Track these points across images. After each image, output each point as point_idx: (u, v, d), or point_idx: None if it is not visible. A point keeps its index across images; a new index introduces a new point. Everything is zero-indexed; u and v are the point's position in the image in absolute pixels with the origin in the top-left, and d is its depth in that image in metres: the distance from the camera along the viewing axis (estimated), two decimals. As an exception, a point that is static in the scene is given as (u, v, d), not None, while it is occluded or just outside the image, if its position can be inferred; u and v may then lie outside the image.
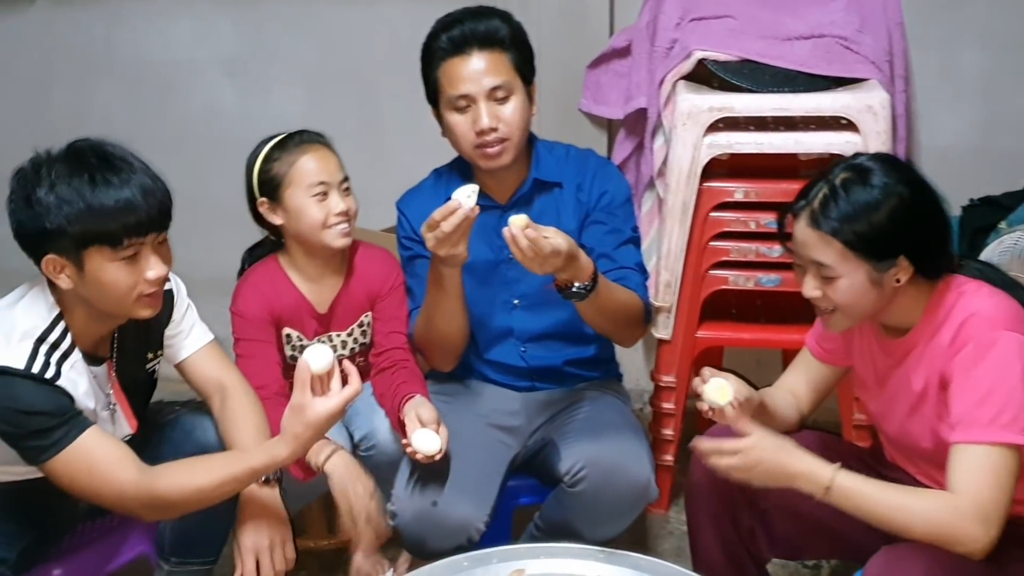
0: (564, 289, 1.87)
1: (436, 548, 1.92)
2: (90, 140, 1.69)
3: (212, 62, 3.21)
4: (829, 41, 2.45)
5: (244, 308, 2.16)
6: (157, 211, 1.66)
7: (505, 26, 2.00)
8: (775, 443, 1.60)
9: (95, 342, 1.79)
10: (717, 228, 2.40)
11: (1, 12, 3.27)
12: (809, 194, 1.62)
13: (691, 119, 2.34)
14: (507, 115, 1.98)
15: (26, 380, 1.63)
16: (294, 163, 2.10)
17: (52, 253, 1.64)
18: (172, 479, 1.70)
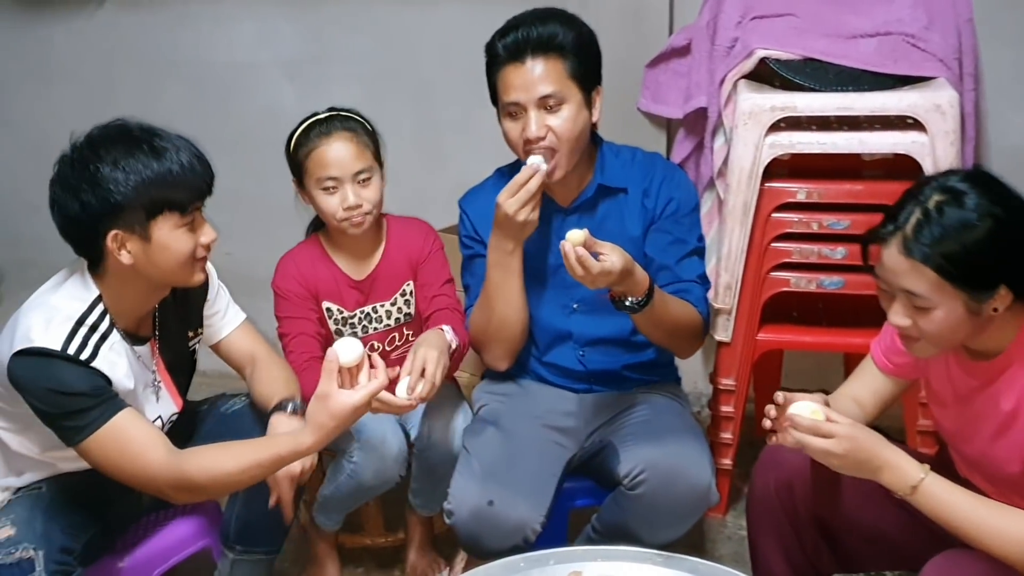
0: (618, 301, 1.89)
1: (492, 548, 1.92)
2: (123, 119, 1.76)
3: (273, 64, 3.25)
4: (895, 39, 2.40)
5: (281, 284, 2.21)
6: (209, 176, 1.77)
7: (564, 31, 1.96)
8: (870, 432, 1.56)
9: (137, 321, 1.84)
10: (779, 229, 2.36)
11: (69, 15, 3.34)
12: (899, 218, 1.51)
13: (752, 119, 2.30)
14: (557, 125, 1.95)
15: (63, 361, 1.68)
16: (310, 153, 2.13)
17: (117, 228, 1.68)
18: (200, 462, 1.74)
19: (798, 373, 2.98)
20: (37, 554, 1.69)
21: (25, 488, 1.86)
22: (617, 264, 1.77)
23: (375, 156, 2.16)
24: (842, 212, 2.33)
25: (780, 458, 1.77)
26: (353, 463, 2.11)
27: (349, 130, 2.13)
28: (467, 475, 1.97)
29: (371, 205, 2.13)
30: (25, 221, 3.24)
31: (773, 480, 1.78)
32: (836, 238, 2.35)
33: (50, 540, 1.72)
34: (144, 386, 1.85)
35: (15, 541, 1.70)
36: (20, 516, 1.76)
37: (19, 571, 1.68)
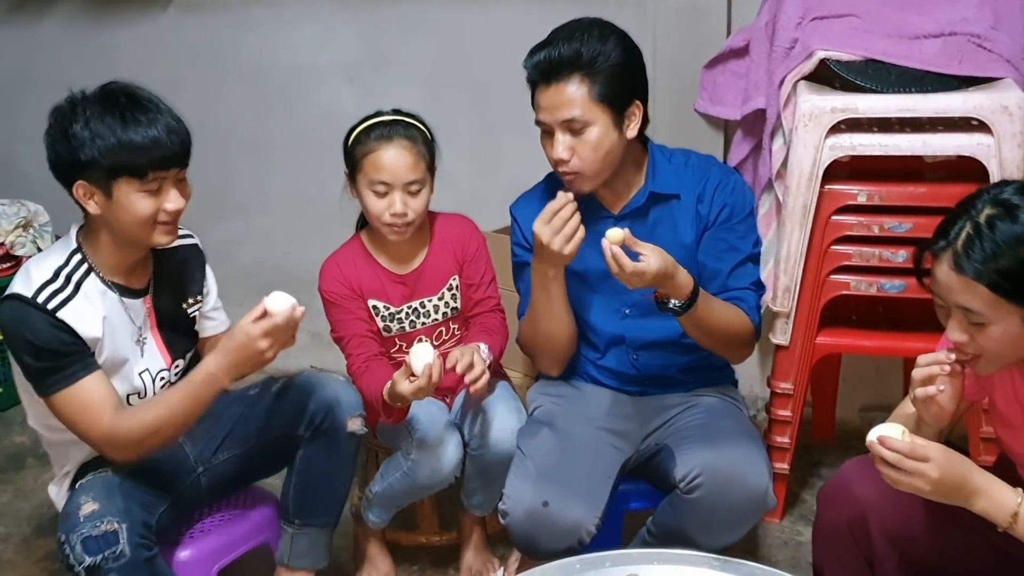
0: (661, 303, 1.92)
1: (546, 548, 1.92)
2: (121, 83, 1.88)
3: (332, 66, 3.28)
4: (960, 39, 2.36)
5: (327, 288, 2.25)
6: (180, 149, 1.84)
7: (591, 52, 1.91)
8: (962, 457, 1.50)
9: (125, 274, 1.94)
10: (838, 232, 2.34)
11: (134, 19, 3.41)
12: (949, 233, 1.48)
13: (813, 120, 2.28)
14: (582, 148, 1.94)
15: (34, 310, 1.80)
16: (368, 154, 2.15)
17: (83, 180, 1.81)
18: (129, 419, 1.84)
19: (856, 378, 2.95)
20: (121, 527, 1.75)
21: (92, 472, 1.92)
22: (652, 266, 1.80)
23: (428, 167, 2.18)
24: (904, 215, 2.30)
25: (851, 491, 1.72)
26: (411, 460, 2.13)
27: (409, 139, 2.15)
28: (522, 476, 1.97)
29: (416, 215, 2.15)
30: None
31: (846, 513, 1.72)
32: (897, 241, 2.31)
33: (131, 514, 1.79)
34: (133, 337, 1.95)
35: (100, 515, 1.76)
36: (100, 492, 1.81)
37: (104, 543, 1.73)
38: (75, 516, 1.77)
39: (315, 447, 2.04)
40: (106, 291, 1.90)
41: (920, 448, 1.47)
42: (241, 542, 2.11)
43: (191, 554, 2.01)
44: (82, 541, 1.73)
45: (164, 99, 1.88)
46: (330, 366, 3.54)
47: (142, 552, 1.77)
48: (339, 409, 2.03)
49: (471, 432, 2.19)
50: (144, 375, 1.96)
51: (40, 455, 3.07)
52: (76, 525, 1.76)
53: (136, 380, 1.95)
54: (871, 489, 1.61)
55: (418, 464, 2.13)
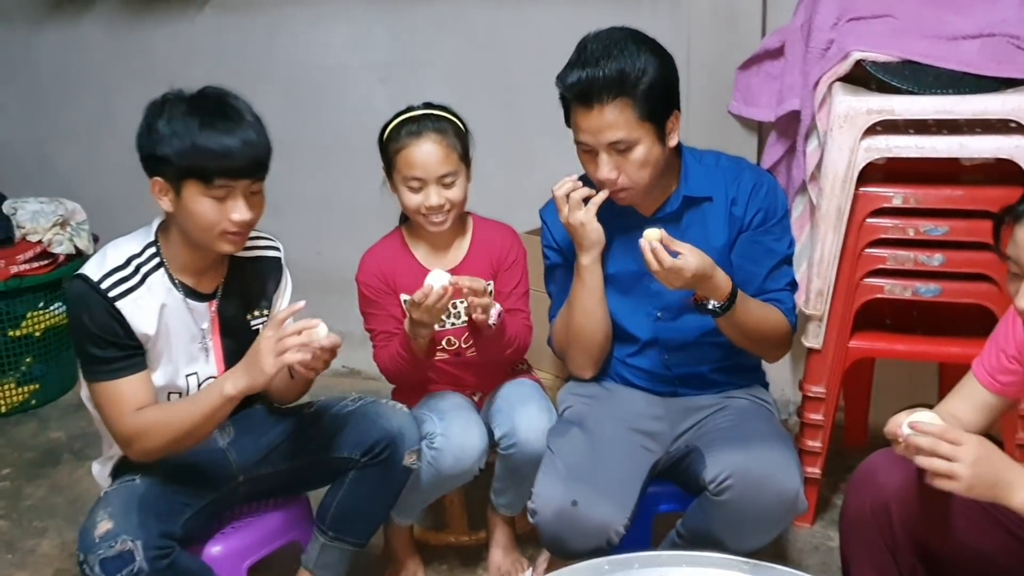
0: (700, 304, 1.93)
1: (575, 548, 1.92)
2: (218, 89, 1.91)
3: (366, 67, 3.30)
4: (999, 40, 2.33)
5: (363, 280, 2.28)
6: (251, 162, 1.85)
7: (634, 68, 1.88)
8: (994, 447, 1.48)
9: (195, 276, 1.96)
10: (873, 235, 2.32)
11: (171, 19, 3.46)
12: None
13: (848, 122, 2.26)
14: (628, 167, 1.94)
15: (95, 294, 1.84)
16: (400, 150, 2.17)
17: (159, 176, 1.85)
18: (146, 420, 1.86)
19: (890, 383, 2.91)
20: (136, 544, 1.76)
21: (119, 480, 1.94)
22: (691, 264, 1.82)
23: (462, 157, 2.19)
24: (940, 218, 2.27)
25: (876, 478, 1.72)
26: (435, 449, 2.13)
27: (439, 131, 2.16)
28: (551, 475, 1.97)
29: (453, 205, 2.17)
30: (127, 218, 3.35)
31: (869, 501, 1.72)
32: (933, 244, 2.29)
33: (147, 529, 1.79)
34: (191, 340, 1.97)
35: (114, 534, 1.77)
36: (116, 509, 1.83)
37: (121, 562, 1.74)
38: (91, 535, 1.79)
39: (369, 473, 2.06)
40: (171, 289, 1.92)
41: (951, 432, 1.46)
42: (272, 539, 2.13)
43: (222, 550, 2.03)
44: (100, 562, 1.75)
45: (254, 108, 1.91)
46: (360, 366, 3.59)
47: (160, 563, 1.78)
48: (401, 442, 2.05)
49: (502, 431, 2.19)
50: (191, 378, 1.98)
51: (76, 450, 3.12)
52: (93, 546, 1.77)
53: (181, 380, 1.96)
54: (895, 478, 1.61)
55: (442, 452, 2.13)
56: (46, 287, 3.40)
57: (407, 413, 2.12)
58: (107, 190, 3.64)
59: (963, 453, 1.45)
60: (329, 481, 2.11)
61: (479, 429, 2.19)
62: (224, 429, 2.07)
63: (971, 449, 1.45)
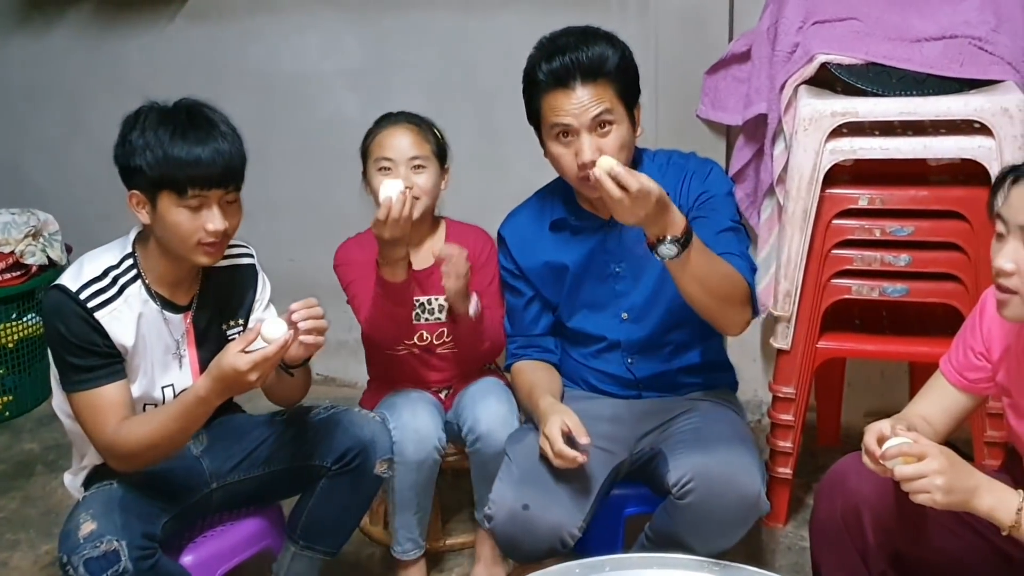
0: (657, 244, 1.80)
1: (528, 551, 1.94)
2: (192, 100, 1.90)
3: (337, 74, 3.30)
4: (961, 42, 2.36)
5: (345, 256, 2.33)
6: (223, 171, 1.85)
7: (610, 53, 1.96)
8: (959, 458, 1.50)
9: (171, 288, 1.96)
10: (840, 236, 2.34)
11: (142, 29, 3.45)
12: None
13: (813, 124, 2.28)
14: (609, 146, 1.95)
15: (75, 304, 1.84)
16: (375, 136, 2.26)
17: (135, 188, 1.86)
18: (127, 431, 1.85)
19: (862, 383, 2.94)
20: (121, 544, 1.75)
21: (96, 485, 1.94)
22: (655, 186, 1.72)
23: (435, 153, 2.25)
24: (906, 218, 2.29)
25: (847, 483, 1.72)
26: (394, 442, 2.13)
27: (413, 123, 2.26)
28: (506, 480, 1.99)
29: (420, 191, 2.20)
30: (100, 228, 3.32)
31: (840, 506, 1.73)
32: (900, 245, 2.31)
33: (131, 529, 1.79)
34: (166, 351, 1.96)
35: (98, 535, 1.76)
36: (98, 510, 1.82)
37: (106, 563, 1.74)
38: (75, 536, 1.78)
39: (340, 481, 2.05)
40: (148, 300, 1.92)
41: (915, 447, 1.47)
42: (244, 547, 2.11)
43: (194, 559, 2.01)
44: (84, 563, 1.74)
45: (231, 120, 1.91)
46: (335, 373, 3.58)
47: (144, 563, 1.78)
48: (373, 450, 2.05)
49: (466, 426, 2.22)
50: (167, 389, 1.97)
51: (49, 462, 3.10)
52: (77, 546, 1.76)
53: (157, 392, 1.96)
54: (866, 482, 1.61)
55: (401, 444, 2.14)
56: (19, 298, 3.38)
57: (379, 422, 2.12)
58: (80, 200, 3.64)
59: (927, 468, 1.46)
60: (301, 489, 2.11)
61: (429, 410, 2.22)
62: (198, 437, 2.06)
63: (938, 461, 1.46)
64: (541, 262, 2.15)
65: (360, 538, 2.50)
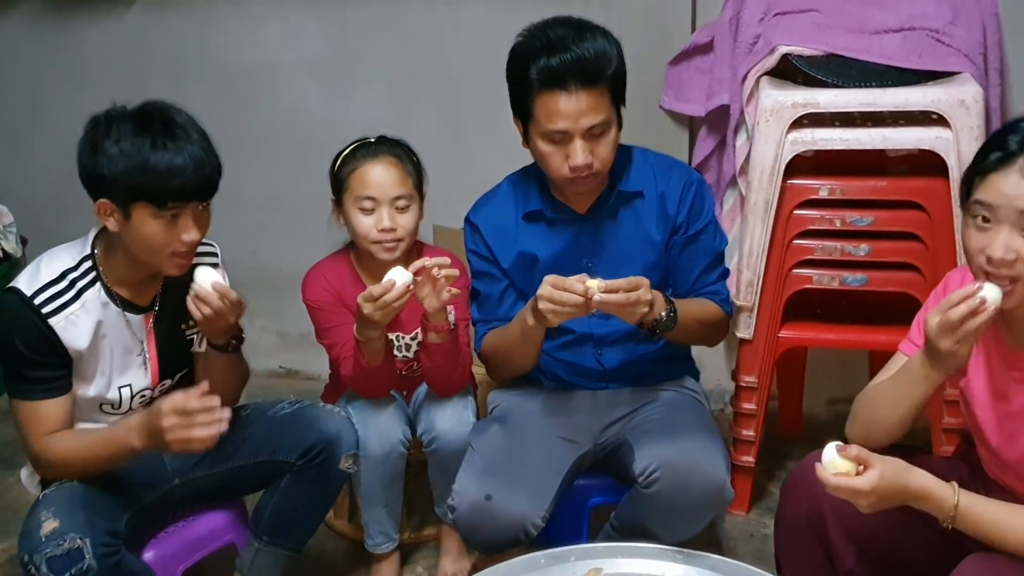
0: (652, 328, 1.94)
1: (491, 541, 1.95)
2: (160, 104, 1.84)
3: (298, 64, 3.28)
4: (919, 34, 2.40)
5: (314, 298, 2.24)
6: (204, 181, 1.82)
7: (610, 55, 1.92)
8: (895, 470, 1.51)
9: (133, 289, 1.93)
10: (801, 226, 2.37)
11: (99, 18, 3.39)
12: (1009, 145, 1.48)
13: (774, 115, 2.31)
14: (601, 151, 1.95)
15: (29, 311, 1.81)
16: (354, 171, 2.15)
17: (105, 198, 1.80)
18: (57, 446, 1.86)
19: (823, 372, 2.98)
20: (84, 541, 1.73)
21: (56, 483, 1.91)
22: (647, 294, 1.83)
23: (416, 187, 2.18)
24: (866, 208, 2.33)
25: (812, 484, 1.69)
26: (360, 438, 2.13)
27: (395, 156, 2.16)
28: (469, 471, 1.99)
29: (405, 232, 2.14)
30: (56, 220, 3.28)
31: (805, 508, 1.75)
32: (860, 235, 2.35)
33: (94, 526, 1.77)
34: (127, 352, 1.94)
35: (61, 532, 1.74)
36: (60, 508, 1.80)
37: (69, 561, 1.72)
38: (36, 535, 1.76)
39: (305, 477, 2.04)
40: (108, 303, 1.89)
41: (845, 486, 1.50)
42: (207, 542, 2.11)
43: (155, 555, 2.00)
44: (47, 561, 1.72)
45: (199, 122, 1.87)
46: (297, 366, 3.57)
47: (109, 560, 1.76)
48: (337, 446, 2.04)
49: (422, 428, 2.21)
50: (124, 389, 1.95)
51: (6, 458, 3.05)
52: (39, 545, 1.74)
53: (113, 392, 1.94)
54: None
55: (365, 440, 2.13)
56: (-27, 291, 3.32)
57: (344, 417, 2.11)
58: (35, 192, 3.58)
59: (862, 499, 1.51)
60: (265, 485, 2.09)
61: (393, 405, 2.20)
62: None
63: (869, 495, 1.50)
64: (515, 251, 2.13)
65: (325, 532, 2.49)
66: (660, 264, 2.09)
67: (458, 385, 2.20)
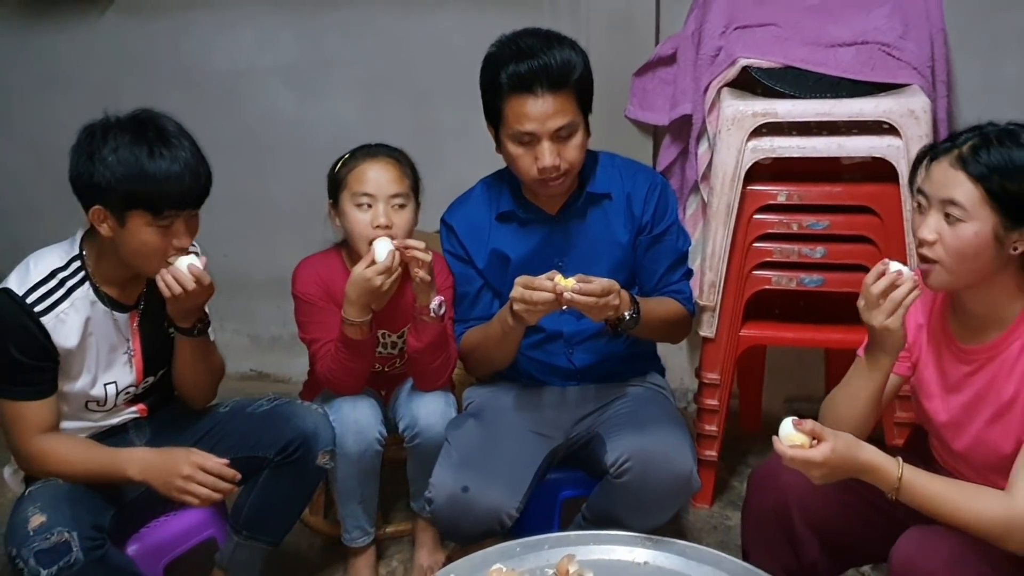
0: (615, 326, 2.02)
1: (468, 532, 2.01)
2: (151, 112, 1.89)
3: (273, 70, 3.31)
4: (872, 48, 2.49)
5: (303, 290, 2.26)
6: (197, 189, 1.88)
7: (576, 62, 2.01)
8: (846, 443, 1.61)
9: (120, 289, 1.97)
10: (760, 230, 2.46)
11: (73, 22, 3.40)
12: (957, 139, 1.64)
13: (735, 124, 2.40)
14: (569, 153, 2.03)
15: (22, 311, 1.85)
16: (353, 169, 2.19)
17: (100, 205, 1.84)
18: (50, 451, 1.92)
19: (781, 371, 3.07)
20: (72, 535, 1.77)
21: (43, 480, 1.94)
22: (616, 299, 1.93)
23: (412, 188, 2.22)
24: (821, 213, 2.43)
25: (779, 478, 1.83)
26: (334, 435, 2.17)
27: (394, 158, 2.21)
28: (445, 464, 2.05)
29: (400, 230, 2.16)
30: (27, 224, 3.28)
31: (771, 500, 1.84)
32: (816, 238, 2.44)
33: (80, 521, 1.81)
34: (112, 349, 1.99)
35: (48, 527, 1.78)
36: (47, 503, 1.84)
37: (57, 554, 1.75)
38: (24, 530, 1.79)
39: (282, 473, 2.09)
40: (96, 302, 1.93)
41: (800, 456, 1.60)
42: (187, 537, 2.14)
43: (138, 550, 2.04)
44: (35, 555, 1.75)
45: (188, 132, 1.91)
46: (268, 369, 3.59)
47: (95, 553, 1.80)
48: (315, 442, 2.09)
49: (404, 423, 2.26)
50: (110, 387, 1.99)
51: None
52: (27, 539, 1.77)
53: (98, 389, 1.98)
54: (795, 477, 1.70)
55: (342, 436, 2.17)
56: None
57: (321, 414, 2.15)
58: (5, 197, 3.58)
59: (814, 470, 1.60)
60: (243, 480, 2.12)
61: (369, 402, 2.23)
62: (140, 430, 2.10)
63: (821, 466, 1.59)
64: (488, 250, 2.20)
65: (300, 528, 2.54)
66: (627, 263, 2.17)
67: (439, 375, 2.24)
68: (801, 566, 1.85)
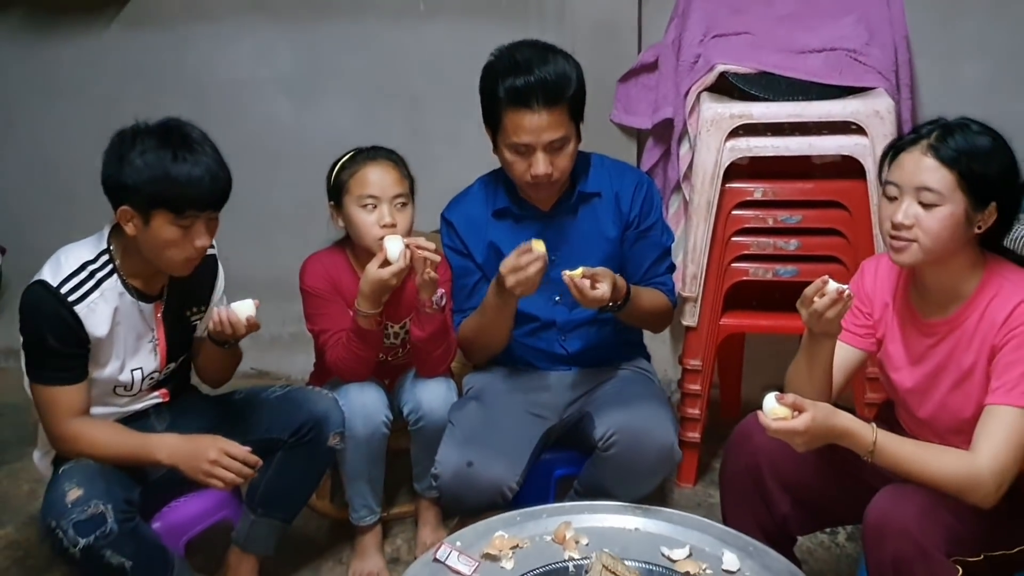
0: (610, 309, 2.16)
1: (472, 505, 2.12)
2: (178, 120, 2.01)
3: (271, 80, 3.40)
4: (840, 54, 2.63)
5: (311, 283, 2.36)
6: (218, 192, 1.98)
7: (571, 77, 2.11)
8: (825, 413, 1.72)
9: (145, 281, 2.09)
10: (738, 224, 2.59)
11: (78, 35, 3.49)
12: (921, 131, 1.75)
13: (714, 126, 2.53)
14: (561, 162, 2.15)
15: (56, 301, 1.95)
16: (355, 172, 2.28)
17: (127, 205, 1.94)
18: (85, 434, 2.03)
19: (759, 361, 3.18)
20: (107, 507, 1.89)
21: (74, 460, 2.05)
22: (608, 291, 2.05)
23: (410, 189, 2.33)
24: (794, 208, 2.57)
25: (750, 441, 1.96)
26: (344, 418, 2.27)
27: (392, 160, 2.31)
28: (450, 442, 2.18)
29: (404, 228, 2.26)
30: (32, 233, 3.33)
31: (744, 461, 1.98)
32: (790, 231, 2.58)
33: (114, 495, 1.93)
34: (139, 337, 2.10)
35: (85, 499, 1.90)
36: (82, 479, 1.95)
37: (94, 524, 1.88)
38: (62, 503, 1.90)
39: (296, 453, 2.21)
40: (124, 292, 2.04)
41: (785, 427, 1.71)
42: (207, 516, 2.27)
43: (161, 527, 2.16)
44: (74, 525, 1.87)
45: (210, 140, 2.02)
46: (269, 367, 3.67)
47: (127, 525, 1.93)
48: (326, 424, 2.21)
49: (408, 407, 2.37)
50: (136, 372, 2.11)
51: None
52: (65, 511, 1.89)
53: (126, 375, 2.10)
54: (766, 441, 1.83)
55: (350, 420, 2.27)
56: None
57: (332, 398, 2.26)
58: (12, 204, 3.65)
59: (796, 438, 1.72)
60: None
61: (375, 388, 2.33)
62: (161, 415, 2.22)
63: (802, 435, 1.71)
64: (485, 243, 2.33)
65: (308, 512, 2.64)
66: (615, 257, 2.31)
67: (441, 362, 2.36)
68: (774, 521, 1.98)
